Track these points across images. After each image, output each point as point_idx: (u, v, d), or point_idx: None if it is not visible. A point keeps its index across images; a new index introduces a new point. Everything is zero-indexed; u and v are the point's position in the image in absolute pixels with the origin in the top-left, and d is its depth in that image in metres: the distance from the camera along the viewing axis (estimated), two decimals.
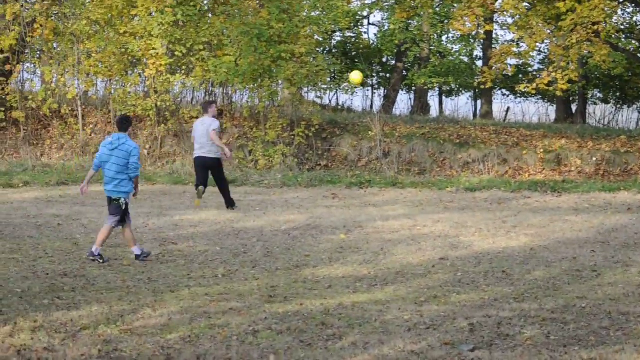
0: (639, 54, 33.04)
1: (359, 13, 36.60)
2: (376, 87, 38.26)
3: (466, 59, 36.63)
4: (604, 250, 13.55)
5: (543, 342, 8.57)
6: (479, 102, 36.41)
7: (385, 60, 37.96)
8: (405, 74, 35.81)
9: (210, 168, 17.56)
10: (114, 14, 25.61)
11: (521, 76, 34.02)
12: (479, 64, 35.77)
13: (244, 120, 26.30)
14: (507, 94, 37.87)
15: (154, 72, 25.26)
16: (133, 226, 15.32)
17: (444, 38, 36.84)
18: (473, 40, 35.57)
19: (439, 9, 33.73)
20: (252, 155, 25.10)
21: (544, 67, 32.98)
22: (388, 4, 34.88)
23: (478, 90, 35.27)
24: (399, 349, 8.37)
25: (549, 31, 24.94)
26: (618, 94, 36.53)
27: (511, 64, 27.75)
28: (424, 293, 10.73)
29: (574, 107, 35.42)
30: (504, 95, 38.18)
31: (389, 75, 36.96)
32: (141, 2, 25.01)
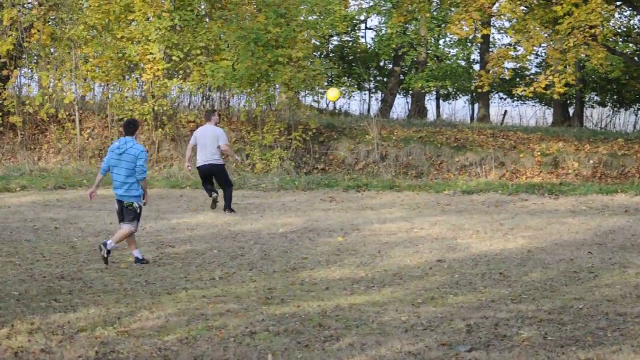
0: (636, 57, 33.09)
1: (356, 17, 36.65)
2: (373, 91, 38.31)
3: (463, 63, 36.68)
4: (601, 252, 13.55)
5: (540, 343, 8.58)
6: (476, 105, 36.44)
7: (383, 64, 38.02)
8: (402, 77, 35.85)
9: (214, 174, 17.83)
10: (111, 18, 25.63)
11: (518, 80, 34.04)
12: (476, 67, 35.81)
13: (241, 124, 26.32)
14: (505, 97, 37.93)
15: (151, 76, 25.27)
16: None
17: (441, 42, 36.91)
18: (470, 44, 35.61)
19: (436, 13, 33.80)
20: (250, 158, 25.12)
21: (541, 70, 33.05)
22: (385, 8, 34.94)
23: (475, 94, 35.32)
24: (396, 350, 8.37)
25: (546, 35, 24.96)
26: (615, 97, 36.59)
27: (508, 68, 27.78)
28: (421, 294, 10.73)
29: (571, 110, 35.48)
30: (501, 98, 38.25)
31: (386, 79, 37.01)
32: (138, 7, 25.03)
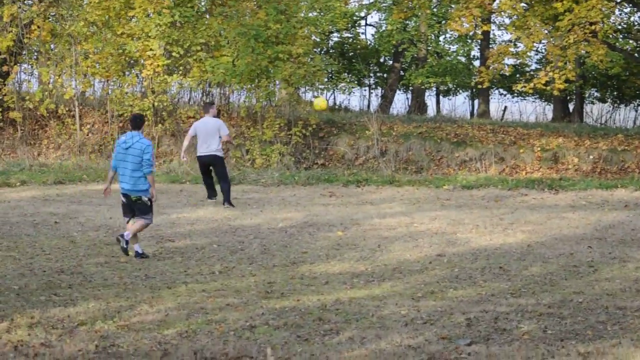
0: (636, 54, 33.07)
1: (356, 14, 36.60)
2: (373, 87, 38.29)
3: (463, 59, 36.64)
4: (600, 247, 13.56)
5: (540, 337, 8.58)
6: (476, 101, 36.43)
7: (383, 61, 37.98)
8: (402, 74, 35.83)
9: (212, 165, 18.07)
10: (111, 15, 25.60)
11: (518, 76, 34.02)
12: (477, 63, 35.77)
13: (241, 120, 26.31)
14: (505, 93, 37.89)
15: (151, 72, 25.26)
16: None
17: (441, 38, 36.86)
18: (470, 41, 35.56)
19: (436, 10, 33.75)
20: (249, 154, 25.11)
21: (541, 66, 33.01)
22: (385, 4, 34.89)
23: (475, 90, 35.28)
24: (396, 343, 8.37)
25: (546, 31, 24.94)
26: (615, 93, 36.56)
27: (508, 64, 27.76)
28: (421, 289, 10.73)
29: (571, 106, 35.46)
30: (501, 94, 38.20)
31: (386, 75, 36.98)
32: (138, 3, 25.01)
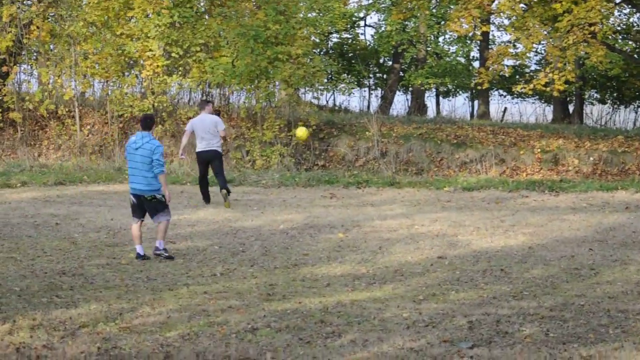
0: (635, 55, 33.08)
1: (355, 14, 36.62)
2: (373, 88, 38.30)
3: (463, 60, 36.66)
4: (602, 249, 13.55)
5: (542, 340, 8.58)
6: (476, 102, 36.44)
7: (382, 61, 37.99)
8: (402, 74, 35.83)
9: (211, 160, 18.25)
10: (110, 15, 25.60)
11: (518, 77, 34.04)
12: (476, 64, 35.79)
13: (241, 121, 26.30)
14: (504, 94, 37.93)
15: (150, 73, 25.26)
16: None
17: (440, 39, 36.89)
18: (470, 42, 35.59)
19: (435, 10, 33.76)
20: (250, 155, 25.10)
21: (540, 68, 33.03)
22: (384, 5, 34.90)
23: (475, 91, 35.30)
24: (398, 346, 8.37)
25: (545, 32, 24.93)
26: (615, 94, 36.60)
27: (508, 65, 27.76)
28: (422, 291, 10.73)
29: (571, 108, 35.47)
30: (501, 95, 38.25)
31: (386, 76, 36.99)
32: (138, 3, 25.01)
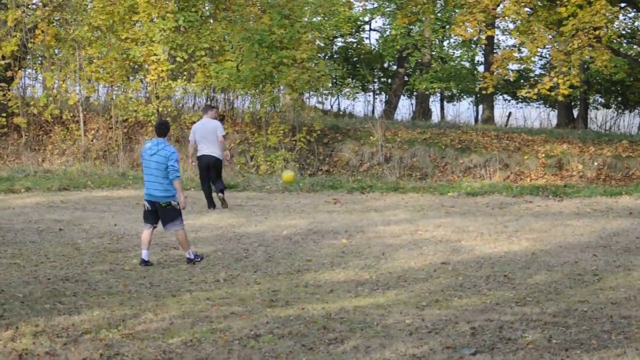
0: None
1: (360, 19, 36.68)
2: (377, 92, 38.31)
3: (467, 64, 36.68)
4: (605, 255, 13.52)
5: (545, 346, 8.57)
6: (481, 107, 36.45)
7: (387, 66, 38.02)
8: (406, 79, 35.84)
9: (213, 166, 18.33)
10: (115, 19, 25.66)
11: (523, 81, 34.04)
12: (481, 69, 35.82)
13: (245, 126, 26.32)
14: (509, 99, 37.94)
15: (155, 77, 25.30)
16: (135, 231, 15.39)
17: (445, 43, 36.91)
18: (474, 46, 35.61)
19: (440, 15, 33.79)
20: (254, 160, 25.11)
21: (545, 72, 33.02)
22: (389, 9, 34.94)
23: (479, 96, 35.32)
24: (400, 352, 8.37)
25: (550, 36, 24.95)
26: (619, 99, 36.58)
27: (512, 69, 27.78)
28: (425, 297, 10.72)
29: (575, 112, 35.45)
30: (506, 100, 38.26)
31: (391, 81, 37.01)
32: (143, 8, 25.05)
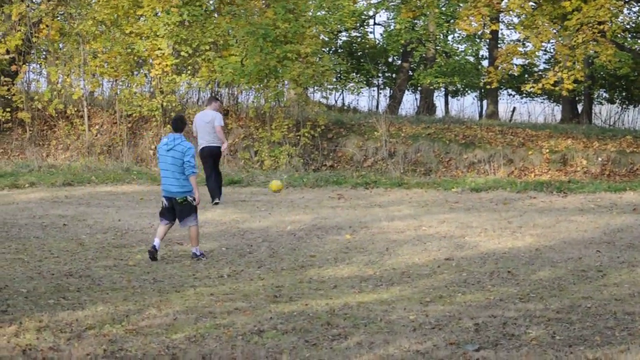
0: None
1: (364, 13, 36.59)
2: (382, 87, 38.27)
3: (472, 59, 36.61)
4: (609, 251, 13.52)
5: (548, 342, 8.57)
6: (485, 102, 36.39)
7: (391, 60, 37.97)
8: (411, 74, 35.79)
9: (213, 157, 18.47)
10: (119, 14, 25.64)
11: (527, 76, 33.98)
12: (485, 63, 35.75)
13: (249, 121, 26.30)
14: (513, 94, 37.88)
15: (159, 72, 25.28)
16: (139, 226, 15.42)
17: (449, 38, 36.84)
18: (479, 40, 35.54)
19: (444, 9, 33.73)
20: (258, 155, 25.11)
21: (549, 66, 32.98)
22: (394, 3, 34.86)
23: (484, 91, 35.26)
24: (404, 348, 8.37)
25: (554, 31, 24.89)
26: (624, 94, 36.51)
27: (517, 64, 27.71)
28: (429, 293, 10.72)
29: (579, 107, 35.40)
30: (510, 95, 38.20)
31: (395, 75, 36.96)
32: (147, 2, 25.04)
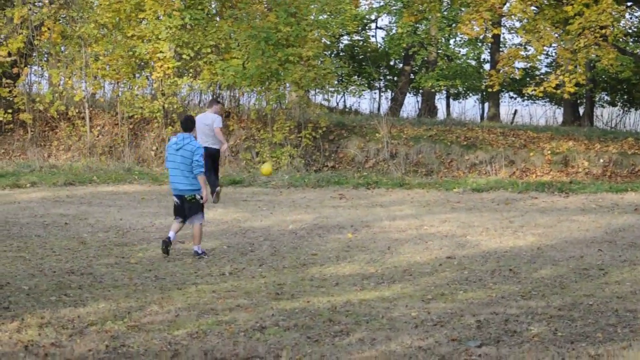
0: None
1: (366, 17, 36.60)
2: (383, 90, 38.27)
3: (474, 62, 36.59)
4: (611, 249, 13.53)
5: (550, 339, 8.57)
6: (486, 104, 36.38)
7: (393, 64, 37.97)
8: (412, 77, 35.80)
9: (211, 158, 18.38)
10: (121, 17, 25.66)
11: (529, 79, 33.96)
12: (487, 67, 35.76)
13: (251, 122, 26.31)
14: (515, 96, 37.86)
15: (161, 75, 25.30)
16: (140, 225, 15.43)
17: (451, 41, 36.82)
18: (481, 44, 35.54)
19: (446, 13, 33.72)
20: (260, 156, 25.11)
21: (551, 70, 32.97)
22: (396, 7, 34.88)
23: (485, 93, 35.26)
24: (406, 345, 8.37)
25: (556, 35, 24.88)
26: (625, 97, 36.49)
27: (519, 67, 27.70)
28: (431, 290, 10.72)
29: (581, 110, 35.38)
30: (512, 98, 38.17)
31: (397, 78, 36.97)
32: (149, 5, 25.06)
